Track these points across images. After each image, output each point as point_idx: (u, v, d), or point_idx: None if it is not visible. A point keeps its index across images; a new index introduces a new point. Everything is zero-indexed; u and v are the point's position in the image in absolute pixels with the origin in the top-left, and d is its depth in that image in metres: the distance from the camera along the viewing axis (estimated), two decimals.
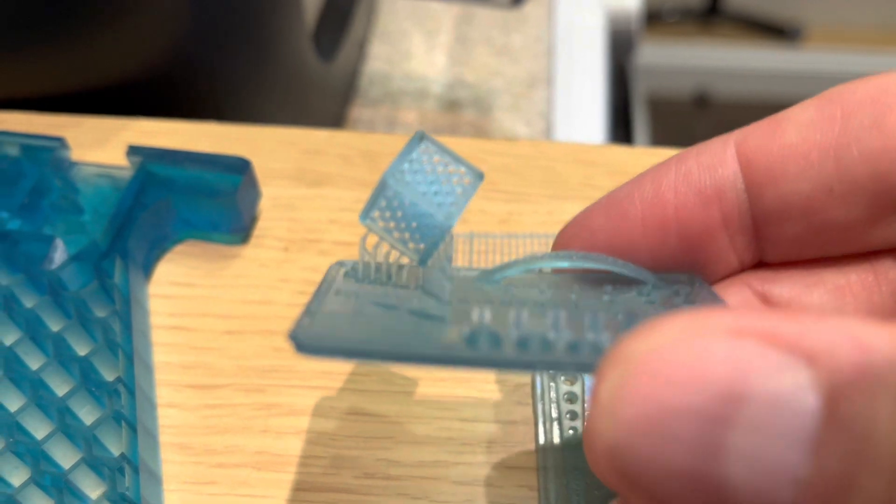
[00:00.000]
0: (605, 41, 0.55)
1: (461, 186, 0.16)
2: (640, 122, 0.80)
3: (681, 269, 0.17)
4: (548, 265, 0.18)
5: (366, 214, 0.16)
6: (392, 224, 0.16)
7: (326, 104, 0.40)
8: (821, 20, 1.64)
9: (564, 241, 0.18)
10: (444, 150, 0.16)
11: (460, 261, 0.25)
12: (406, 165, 0.16)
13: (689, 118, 1.64)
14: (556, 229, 0.19)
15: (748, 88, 1.65)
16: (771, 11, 1.63)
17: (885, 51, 1.61)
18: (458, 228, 0.25)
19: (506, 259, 0.25)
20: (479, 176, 0.16)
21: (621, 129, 0.71)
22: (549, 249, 0.19)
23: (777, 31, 1.64)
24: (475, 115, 0.43)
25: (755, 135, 0.16)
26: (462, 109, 0.44)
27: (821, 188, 0.15)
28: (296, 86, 0.36)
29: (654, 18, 1.62)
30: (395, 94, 0.44)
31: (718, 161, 0.16)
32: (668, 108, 1.61)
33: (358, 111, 0.43)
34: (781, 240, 0.16)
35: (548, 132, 0.43)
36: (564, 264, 0.17)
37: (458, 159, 0.17)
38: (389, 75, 0.46)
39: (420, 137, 0.16)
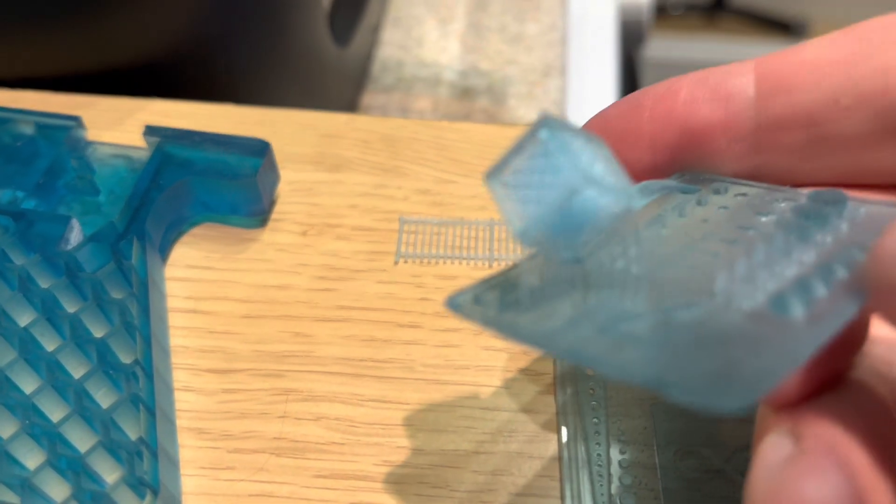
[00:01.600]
0: (616, 32, 0.54)
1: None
2: None
3: (675, 166, 0.17)
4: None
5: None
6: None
7: (341, 89, 0.39)
8: (826, 16, 1.63)
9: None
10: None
11: (480, 248, 0.24)
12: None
13: None
14: None
15: None
16: (776, 7, 1.63)
17: None
18: (479, 215, 0.25)
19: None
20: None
21: None
22: None
23: (782, 27, 1.63)
24: (489, 104, 0.43)
25: (775, 55, 0.16)
26: (476, 97, 0.43)
27: (828, 99, 0.16)
28: (311, 69, 0.36)
29: (659, 12, 1.61)
30: (408, 81, 0.44)
31: (735, 71, 0.16)
32: None
33: (371, 97, 0.43)
34: (782, 149, 0.16)
35: None
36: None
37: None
38: (402, 61, 0.45)
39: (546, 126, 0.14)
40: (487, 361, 0.22)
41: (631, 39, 0.68)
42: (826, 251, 0.14)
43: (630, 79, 0.71)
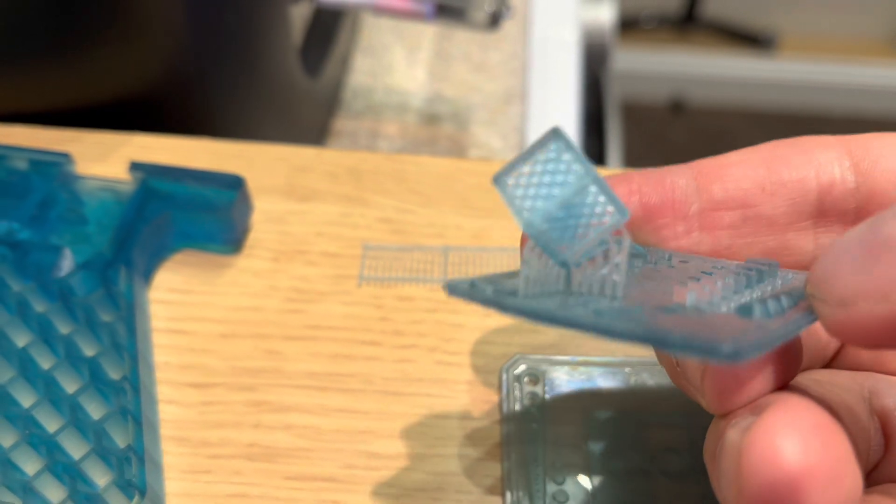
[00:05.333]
0: (579, 55, 0.57)
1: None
2: (614, 131, 0.82)
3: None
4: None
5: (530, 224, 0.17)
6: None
7: (312, 117, 0.42)
8: (795, 29, 1.67)
9: None
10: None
11: (436, 272, 0.27)
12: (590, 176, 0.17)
13: (664, 124, 1.67)
14: None
15: (723, 95, 1.69)
16: (746, 20, 1.67)
17: (855, 60, 1.65)
18: (433, 242, 0.28)
19: (479, 271, 0.27)
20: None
21: (595, 138, 0.73)
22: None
23: (752, 40, 1.67)
24: (453, 129, 0.46)
25: (706, 160, 0.21)
26: (441, 123, 0.46)
27: (756, 186, 0.20)
28: (283, 101, 0.38)
29: (631, 25, 1.65)
30: (377, 107, 0.47)
31: (675, 171, 0.20)
32: (643, 114, 1.64)
33: (342, 123, 0.45)
34: (721, 226, 0.20)
35: (522, 146, 0.45)
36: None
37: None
38: (372, 88, 0.48)
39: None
40: (440, 375, 0.25)
41: (595, 59, 0.71)
42: (770, 293, 0.17)
43: (596, 96, 0.74)
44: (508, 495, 0.22)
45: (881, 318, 0.14)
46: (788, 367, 0.17)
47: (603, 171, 0.30)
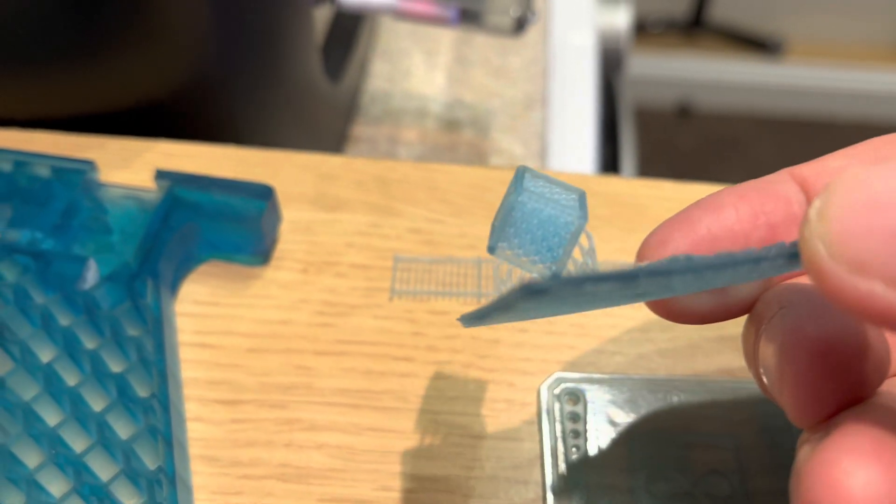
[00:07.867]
0: (596, 60, 0.56)
1: (570, 202, 0.18)
2: (627, 136, 0.82)
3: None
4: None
5: (494, 246, 0.18)
6: (520, 250, 0.18)
7: (333, 122, 0.41)
8: (802, 35, 1.67)
9: (649, 249, 0.19)
10: (545, 176, 0.18)
11: (469, 285, 0.26)
12: (524, 195, 0.18)
13: (671, 129, 1.67)
14: None
15: (730, 100, 1.68)
16: (754, 25, 1.66)
17: (862, 65, 1.64)
18: (467, 253, 0.27)
19: (513, 283, 0.26)
20: (581, 193, 0.18)
21: (609, 143, 0.73)
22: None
23: (759, 45, 1.67)
24: (474, 135, 0.45)
25: (805, 165, 0.19)
26: (461, 129, 0.45)
27: None
28: (306, 106, 0.37)
29: (639, 30, 1.64)
30: (395, 113, 0.46)
31: (781, 181, 0.19)
32: (651, 119, 1.63)
33: (360, 129, 0.45)
34: None
35: (543, 152, 0.45)
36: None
37: (558, 182, 0.18)
38: (390, 93, 0.47)
39: (524, 170, 0.18)
40: (476, 393, 0.24)
41: (610, 65, 0.70)
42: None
43: (609, 101, 0.73)
44: None
45: (890, 305, 0.12)
46: (869, 375, 0.16)
47: (646, 181, 0.29)
